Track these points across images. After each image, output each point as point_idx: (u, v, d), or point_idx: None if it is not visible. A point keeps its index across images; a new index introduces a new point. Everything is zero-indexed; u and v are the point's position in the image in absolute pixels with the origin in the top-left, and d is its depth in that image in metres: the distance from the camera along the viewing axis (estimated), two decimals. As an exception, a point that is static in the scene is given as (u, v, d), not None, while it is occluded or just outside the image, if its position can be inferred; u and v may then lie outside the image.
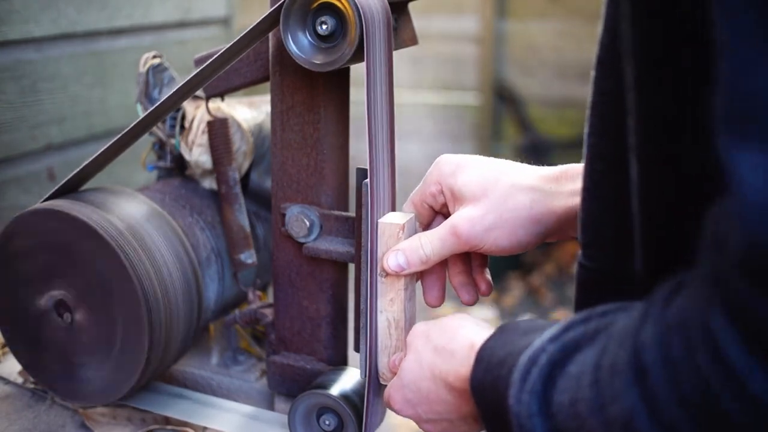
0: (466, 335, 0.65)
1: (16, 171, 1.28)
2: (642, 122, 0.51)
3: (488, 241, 0.71)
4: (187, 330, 0.90)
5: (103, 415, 0.89)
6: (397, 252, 0.72)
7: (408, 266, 0.72)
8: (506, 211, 0.71)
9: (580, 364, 0.49)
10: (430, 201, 0.76)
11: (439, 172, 0.75)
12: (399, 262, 0.72)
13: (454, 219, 0.72)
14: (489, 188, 0.72)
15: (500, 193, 0.71)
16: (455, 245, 0.72)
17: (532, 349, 0.53)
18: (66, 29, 1.33)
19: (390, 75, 0.75)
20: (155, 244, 0.86)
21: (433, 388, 0.66)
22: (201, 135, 0.96)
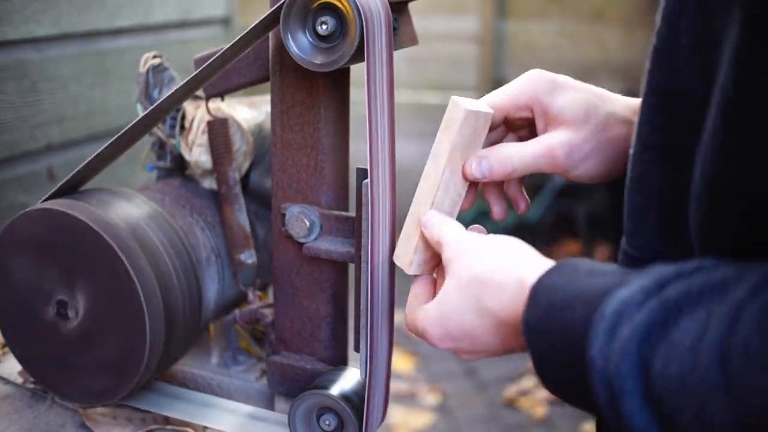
0: (514, 267, 0.59)
1: (16, 171, 1.28)
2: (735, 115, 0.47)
3: (581, 169, 0.69)
4: (187, 330, 0.90)
5: (103, 415, 0.90)
6: (483, 159, 0.68)
7: (491, 175, 0.68)
8: (605, 141, 0.68)
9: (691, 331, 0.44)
10: (513, 112, 0.72)
11: (533, 87, 0.71)
12: (482, 169, 0.68)
13: (552, 140, 0.68)
14: (590, 114, 0.68)
15: (600, 121, 0.68)
16: (547, 165, 0.68)
17: (618, 299, 0.47)
18: (66, 29, 1.33)
19: (390, 75, 0.75)
20: (155, 244, 0.86)
21: (478, 322, 0.60)
22: (201, 135, 0.96)
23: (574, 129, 0.69)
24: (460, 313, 0.61)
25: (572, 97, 0.70)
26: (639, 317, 0.46)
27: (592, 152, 0.69)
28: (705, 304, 0.44)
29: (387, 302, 0.76)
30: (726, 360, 0.41)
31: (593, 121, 0.69)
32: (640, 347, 0.45)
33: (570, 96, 0.70)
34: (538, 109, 0.71)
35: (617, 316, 0.47)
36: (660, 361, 0.44)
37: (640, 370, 0.45)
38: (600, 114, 0.69)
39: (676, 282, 0.47)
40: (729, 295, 0.44)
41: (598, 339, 0.47)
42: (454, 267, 0.63)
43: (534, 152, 0.69)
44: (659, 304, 0.46)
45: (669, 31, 0.55)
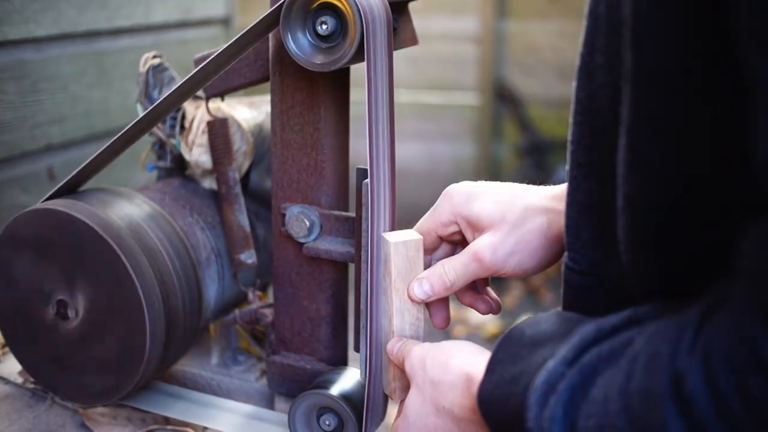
0: (460, 366, 0.65)
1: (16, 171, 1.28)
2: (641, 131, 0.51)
3: (511, 265, 0.72)
4: (187, 330, 0.90)
5: (103, 415, 0.90)
6: (422, 280, 0.73)
7: (433, 293, 0.73)
8: (526, 233, 0.72)
9: (602, 388, 0.49)
10: (440, 230, 0.77)
11: (451, 203, 0.76)
12: (425, 290, 0.73)
13: (475, 246, 0.73)
14: (506, 212, 0.73)
15: (517, 217, 0.72)
16: (478, 271, 0.73)
17: (546, 372, 0.53)
18: (66, 29, 1.33)
19: (390, 75, 0.75)
20: (155, 244, 0.86)
21: (439, 422, 0.66)
22: (201, 135, 0.96)
23: (494, 230, 0.72)
24: (423, 416, 0.67)
25: (487, 202, 0.74)
26: (562, 386, 0.52)
27: (516, 247, 0.72)
28: (614, 363, 0.50)
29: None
30: (628, 406, 0.47)
31: (509, 218, 0.72)
32: (565, 411, 0.51)
33: (485, 201, 0.74)
34: (461, 221, 0.76)
35: (547, 388, 0.52)
36: (582, 420, 0.50)
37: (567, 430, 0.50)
38: (515, 210, 0.72)
39: (592, 348, 0.52)
40: (629, 350, 0.49)
41: (532, 410, 0.53)
42: (414, 377, 0.69)
43: (463, 262, 0.73)
44: (577, 371, 0.52)
45: (587, 52, 0.58)
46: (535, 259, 0.72)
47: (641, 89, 0.50)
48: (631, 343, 0.50)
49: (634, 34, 0.50)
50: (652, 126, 0.50)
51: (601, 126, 0.58)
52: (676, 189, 0.51)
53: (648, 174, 0.52)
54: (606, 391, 0.49)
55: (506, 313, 2.98)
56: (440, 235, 0.78)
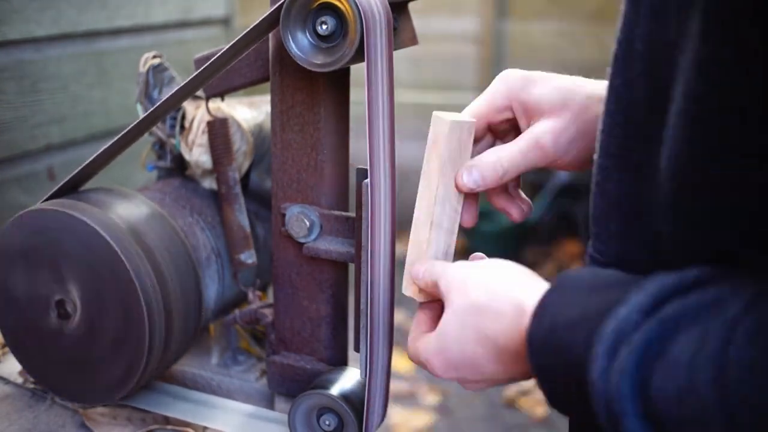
0: (512, 292, 0.59)
1: (16, 171, 1.28)
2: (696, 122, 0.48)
3: (571, 154, 0.68)
4: (187, 330, 0.90)
5: (103, 415, 0.90)
6: (471, 168, 0.68)
7: (483, 183, 0.68)
8: (589, 122, 0.68)
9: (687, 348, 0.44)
10: (493, 116, 0.72)
11: (507, 87, 0.71)
12: (474, 178, 0.68)
13: (535, 131, 0.68)
14: (567, 99, 0.68)
15: (579, 104, 0.68)
16: (537, 159, 0.68)
17: (616, 319, 0.47)
18: (66, 29, 1.33)
19: (390, 75, 0.75)
20: (155, 244, 0.86)
21: (480, 351, 0.60)
22: (201, 135, 0.96)
23: (555, 116, 0.68)
24: (461, 342, 0.61)
25: (547, 88, 0.70)
26: (636, 337, 0.46)
27: (577, 135, 0.68)
28: (701, 322, 0.45)
29: (387, 302, 0.76)
30: (720, 376, 0.42)
31: (572, 105, 0.68)
32: (638, 367, 0.45)
33: (545, 87, 0.70)
34: (517, 107, 0.71)
35: (616, 337, 0.47)
36: (658, 380, 0.45)
37: (638, 389, 0.45)
38: (578, 98, 0.69)
39: (673, 300, 0.47)
40: (724, 312, 0.44)
41: (597, 360, 0.47)
42: (452, 298, 0.63)
43: (521, 148, 0.69)
44: (657, 323, 0.46)
45: (624, 39, 0.56)
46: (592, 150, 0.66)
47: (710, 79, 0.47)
48: (724, 302, 0.45)
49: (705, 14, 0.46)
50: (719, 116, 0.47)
51: (636, 116, 0.56)
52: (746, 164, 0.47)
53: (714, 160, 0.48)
54: (693, 353, 0.44)
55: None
56: (491, 122, 0.73)
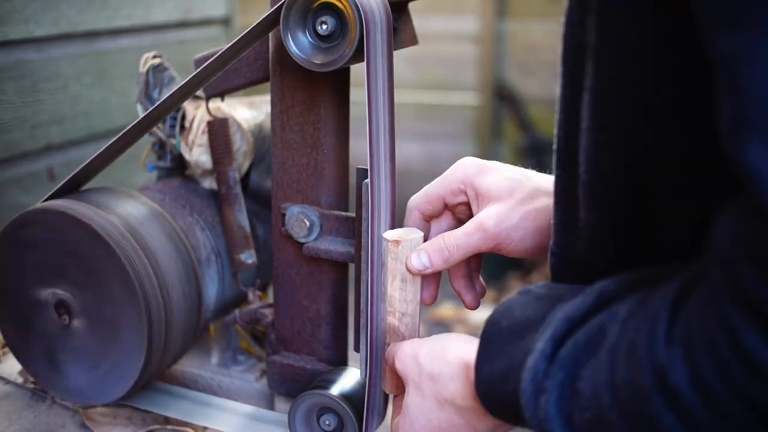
0: (456, 354, 0.65)
1: (16, 171, 1.28)
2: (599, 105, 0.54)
3: (514, 239, 0.72)
4: (187, 330, 0.90)
5: (103, 415, 0.90)
6: (420, 252, 0.72)
7: (431, 266, 0.72)
8: (532, 211, 0.72)
9: (589, 381, 0.50)
10: (449, 197, 0.77)
11: (464, 172, 0.76)
12: (422, 261, 0.72)
13: (480, 216, 0.73)
14: (515, 188, 0.73)
15: (526, 194, 0.72)
16: (481, 241, 0.72)
17: (529, 371, 0.54)
18: (66, 29, 1.33)
19: (390, 75, 0.75)
20: (155, 244, 0.86)
21: (443, 416, 0.66)
22: (201, 135, 0.96)
23: (502, 202, 0.72)
24: (425, 412, 0.67)
25: (498, 177, 0.74)
26: (548, 384, 0.53)
27: (520, 222, 0.72)
28: (592, 352, 0.51)
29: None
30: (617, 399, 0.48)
31: (518, 193, 0.72)
32: (558, 408, 0.52)
33: (496, 176, 0.74)
34: (470, 192, 0.75)
35: (533, 387, 0.54)
36: (577, 414, 0.51)
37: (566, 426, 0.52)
38: (525, 188, 0.73)
39: (567, 339, 0.53)
40: (606, 338, 0.50)
41: (527, 411, 0.54)
42: (407, 373, 0.69)
43: (466, 231, 0.72)
44: (560, 367, 0.53)
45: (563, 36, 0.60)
46: (537, 238, 0.72)
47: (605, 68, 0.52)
48: (604, 331, 0.51)
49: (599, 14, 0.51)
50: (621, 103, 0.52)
51: (560, 114, 0.60)
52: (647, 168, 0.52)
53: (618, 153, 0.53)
54: (594, 384, 0.50)
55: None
56: (447, 203, 0.77)
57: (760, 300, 0.39)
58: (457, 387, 0.64)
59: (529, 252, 0.73)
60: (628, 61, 0.51)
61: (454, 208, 0.78)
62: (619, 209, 0.55)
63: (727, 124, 0.40)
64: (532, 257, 0.75)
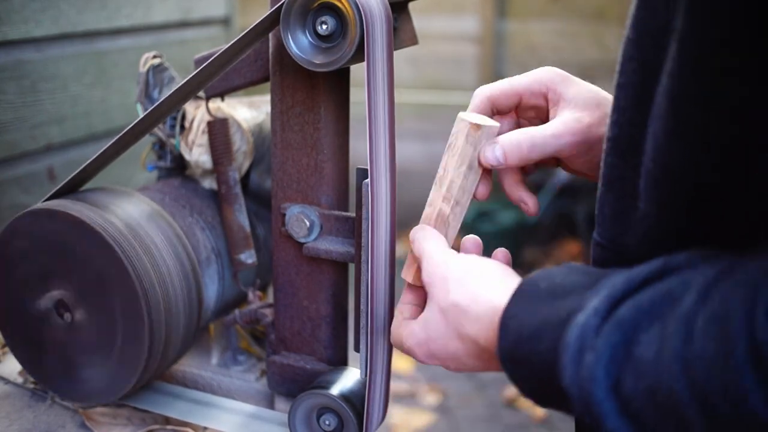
0: (488, 296, 0.61)
1: (16, 171, 1.28)
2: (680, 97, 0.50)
3: (595, 152, 0.69)
4: (187, 330, 0.90)
5: (103, 415, 0.90)
6: (495, 145, 0.68)
7: (505, 161, 0.68)
8: None
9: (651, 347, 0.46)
10: (527, 97, 0.73)
11: (550, 76, 0.72)
12: (497, 155, 0.68)
13: (568, 118, 0.69)
14: (601, 103, 0.70)
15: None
16: (566, 146, 0.69)
17: (578, 327, 0.50)
18: (66, 29, 1.33)
19: (390, 75, 0.75)
20: (155, 244, 0.86)
21: (462, 347, 0.63)
22: (201, 135, 0.96)
23: (589, 112, 0.69)
24: (444, 338, 0.64)
25: (585, 89, 0.71)
26: (599, 343, 0.48)
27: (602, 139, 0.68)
28: (659, 317, 0.47)
29: (387, 302, 0.76)
30: (688, 370, 0.44)
31: (604, 107, 0.69)
32: (607, 371, 0.48)
33: (583, 87, 0.71)
34: (552, 97, 0.72)
35: (579, 344, 0.49)
36: (629, 380, 0.47)
37: (612, 392, 0.48)
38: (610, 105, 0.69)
39: (626, 299, 0.49)
40: (679, 305, 0.46)
41: (567, 369, 0.50)
42: (434, 292, 0.65)
43: (554, 133, 0.69)
44: (615, 326, 0.48)
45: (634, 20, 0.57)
46: None
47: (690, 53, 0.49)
48: (675, 297, 0.47)
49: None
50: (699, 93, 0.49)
51: (625, 100, 0.57)
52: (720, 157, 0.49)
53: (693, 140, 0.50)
54: (657, 351, 0.46)
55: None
56: (522, 102, 0.73)
57: None
58: (481, 328, 0.60)
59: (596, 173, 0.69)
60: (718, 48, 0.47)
61: (525, 111, 0.74)
62: (681, 205, 0.52)
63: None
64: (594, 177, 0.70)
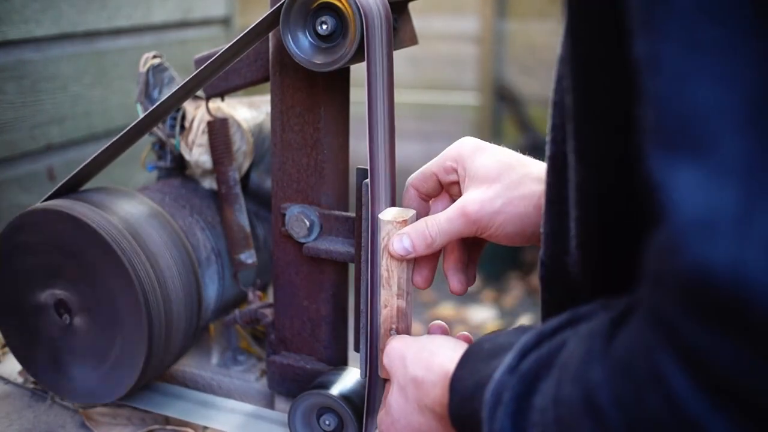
0: (441, 364, 0.64)
1: (16, 171, 1.28)
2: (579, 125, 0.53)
3: (495, 225, 0.71)
4: (187, 330, 0.90)
5: (103, 415, 0.90)
6: (402, 236, 0.71)
7: (414, 250, 0.71)
8: (516, 198, 0.71)
9: (542, 396, 0.49)
10: (442, 176, 0.76)
11: (459, 150, 0.75)
12: (404, 245, 0.71)
13: (463, 200, 0.72)
14: (503, 173, 0.72)
15: (513, 180, 0.71)
16: (462, 226, 0.71)
17: (493, 383, 0.53)
18: (66, 29, 1.33)
19: (390, 75, 0.75)
20: (155, 244, 0.86)
21: (423, 420, 0.66)
22: (201, 135, 0.96)
23: (486, 186, 0.71)
24: (406, 415, 0.67)
25: (490, 159, 0.73)
26: (506, 396, 0.52)
27: (504, 208, 0.71)
28: (552, 367, 0.49)
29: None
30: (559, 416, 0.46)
31: (506, 179, 0.71)
32: (513, 422, 0.51)
33: (489, 158, 0.73)
34: (461, 172, 0.74)
35: (494, 400, 0.53)
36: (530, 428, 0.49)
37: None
38: (513, 173, 0.72)
39: (532, 352, 0.53)
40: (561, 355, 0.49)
41: (485, 424, 0.53)
42: (393, 372, 0.69)
43: (448, 216, 0.71)
44: (518, 380, 0.51)
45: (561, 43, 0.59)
46: (518, 225, 0.71)
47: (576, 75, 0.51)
48: (564, 346, 0.50)
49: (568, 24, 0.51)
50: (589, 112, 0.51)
51: (557, 118, 0.59)
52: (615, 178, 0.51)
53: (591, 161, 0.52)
54: (543, 399, 0.49)
55: (506, 313, 2.99)
56: (441, 182, 0.77)
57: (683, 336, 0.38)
58: (437, 395, 0.63)
59: (510, 238, 0.72)
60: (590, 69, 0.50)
61: (449, 188, 0.77)
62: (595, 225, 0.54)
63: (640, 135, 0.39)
64: (514, 245, 0.74)
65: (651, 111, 0.39)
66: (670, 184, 0.37)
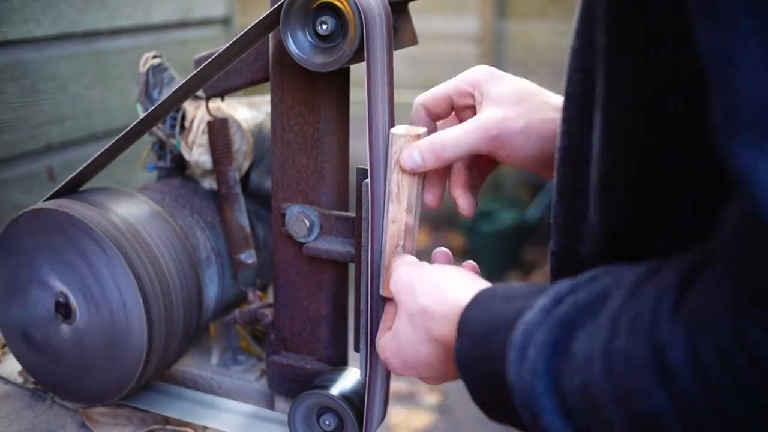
0: (453, 297, 0.62)
1: (16, 171, 1.28)
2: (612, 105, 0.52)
3: (515, 145, 0.69)
4: (187, 330, 0.90)
5: (103, 415, 0.90)
6: (413, 148, 0.70)
7: (423, 164, 0.70)
8: (537, 122, 0.69)
9: (584, 343, 0.47)
10: (456, 98, 0.74)
11: (475, 75, 0.73)
12: (414, 158, 0.70)
13: (483, 115, 0.70)
14: (523, 98, 0.71)
15: (533, 105, 0.70)
16: (480, 141, 0.69)
17: (523, 323, 0.51)
18: (66, 29, 1.33)
19: (390, 75, 0.75)
20: (155, 244, 0.86)
21: (432, 351, 0.64)
22: (201, 135, 0.96)
23: (507, 107, 0.70)
24: (414, 344, 0.65)
25: (509, 84, 0.72)
26: (540, 337, 0.50)
27: (525, 128, 0.69)
28: (593, 314, 0.48)
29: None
30: (609, 367, 0.45)
31: (525, 103, 0.70)
32: (548, 365, 0.49)
33: (507, 83, 0.72)
34: (477, 96, 0.73)
35: (525, 339, 0.51)
36: (567, 376, 0.48)
37: (552, 386, 0.49)
38: (533, 100, 0.71)
39: (568, 297, 0.51)
40: (611, 302, 0.48)
41: (512, 364, 0.51)
42: (401, 299, 0.67)
43: (466, 129, 0.70)
44: (555, 322, 0.50)
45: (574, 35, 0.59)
46: (538, 148, 0.69)
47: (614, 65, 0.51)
48: (607, 294, 0.48)
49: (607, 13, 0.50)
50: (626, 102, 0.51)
51: (572, 111, 0.59)
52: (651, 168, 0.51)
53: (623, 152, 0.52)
54: (589, 347, 0.47)
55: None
56: (454, 104, 0.75)
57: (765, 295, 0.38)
58: (448, 329, 0.61)
59: (527, 162, 0.71)
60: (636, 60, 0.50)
61: (461, 112, 0.75)
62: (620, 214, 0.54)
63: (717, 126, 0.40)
64: (526, 168, 0.72)
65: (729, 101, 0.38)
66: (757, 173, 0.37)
